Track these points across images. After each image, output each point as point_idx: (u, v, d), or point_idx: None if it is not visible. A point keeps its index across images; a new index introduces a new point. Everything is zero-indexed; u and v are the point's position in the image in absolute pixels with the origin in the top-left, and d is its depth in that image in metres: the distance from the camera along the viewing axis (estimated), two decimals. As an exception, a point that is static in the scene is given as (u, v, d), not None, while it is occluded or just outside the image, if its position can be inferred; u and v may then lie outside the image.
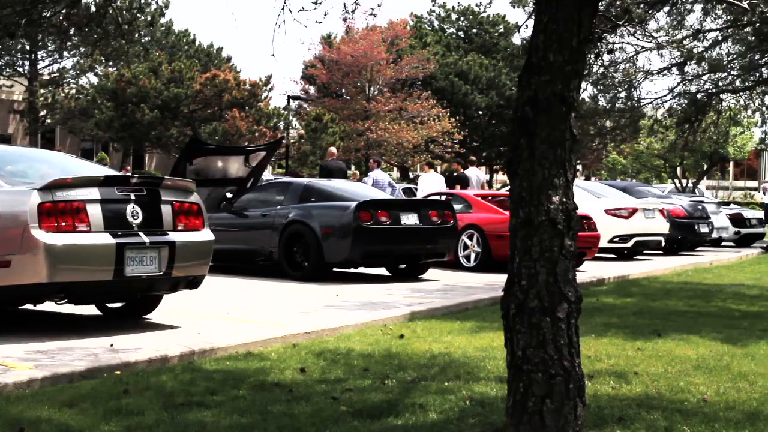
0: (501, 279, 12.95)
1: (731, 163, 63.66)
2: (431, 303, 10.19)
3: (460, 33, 50.98)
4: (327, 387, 5.73)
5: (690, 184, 37.58)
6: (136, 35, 49.59)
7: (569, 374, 4.57)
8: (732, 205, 25.67)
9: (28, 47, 46.53)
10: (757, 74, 11.92)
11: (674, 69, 11.86)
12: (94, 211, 7.55)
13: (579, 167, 60.11)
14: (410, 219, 12.92)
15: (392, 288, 11.97)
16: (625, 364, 6.78)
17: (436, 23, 51.15)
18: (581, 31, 4.82)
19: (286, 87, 59.44)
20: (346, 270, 13.85)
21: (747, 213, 24.57)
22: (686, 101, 12.34)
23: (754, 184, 69.81)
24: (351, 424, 4.85)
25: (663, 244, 18.78)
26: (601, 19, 6.70)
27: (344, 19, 8.66)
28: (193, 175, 14.60)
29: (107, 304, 8.87)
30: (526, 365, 4.59)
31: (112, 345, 6.87)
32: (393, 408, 5.18)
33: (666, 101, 12.59)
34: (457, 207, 15.80)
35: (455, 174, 20.98)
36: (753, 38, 10.72)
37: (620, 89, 12.06)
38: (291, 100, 37.51)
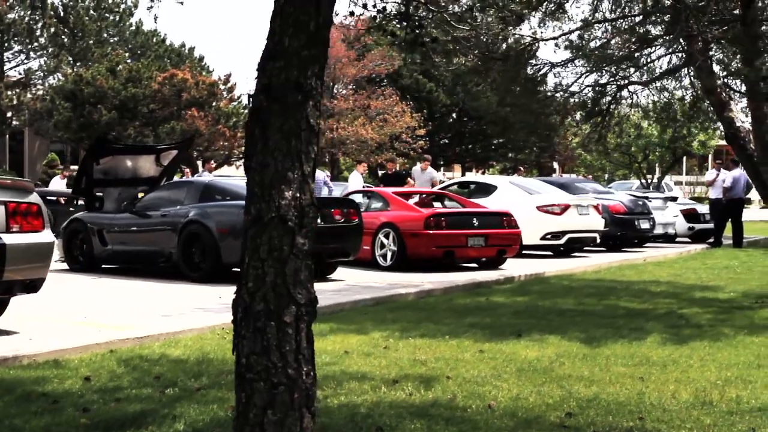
0: (411, 278, 12.77)
1: (709, 159, 63.26)
2: (306, 304, 9.84)
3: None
4: (97, 397, 5.40)
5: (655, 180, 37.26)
6: (104, 35, 49.49)
7: (294, 383, 4.24)
8: (680, 200, 25.32)
9: (-7, 48, 46.21)
10: (664, 65, 11.63)
11: (577, 61, 11.55)
12: None
13: (555, 165, 59.72)
14: (311, 218, 12.55)
15: (286, 289, 11.61)
16: (446, 367, 6.46)
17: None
18: (320, 14, 4.49)
19: (251, 86, 58.56)
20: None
21: (701, 208, 24.21)
22: (593, 94, 12.01)
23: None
24: (75, 438, 4.52)
25: (598, 240, 18.42)
26: (424, 7, 6.39)
27: None
28: (101, 175, 14.33)
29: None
30: (249, 373, 4.26)
31: None
32: (141, 419, 4.85)
33: (574, 93, 12.25)
34: (376, 205, 15.52)
35: (388, 172, 20.68)
36: (642, 29, 10.40)
37: (526, 83, 11.70)
38: (251, 100, 37.02)
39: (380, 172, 23.10)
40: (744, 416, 5.17)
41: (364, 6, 6.80)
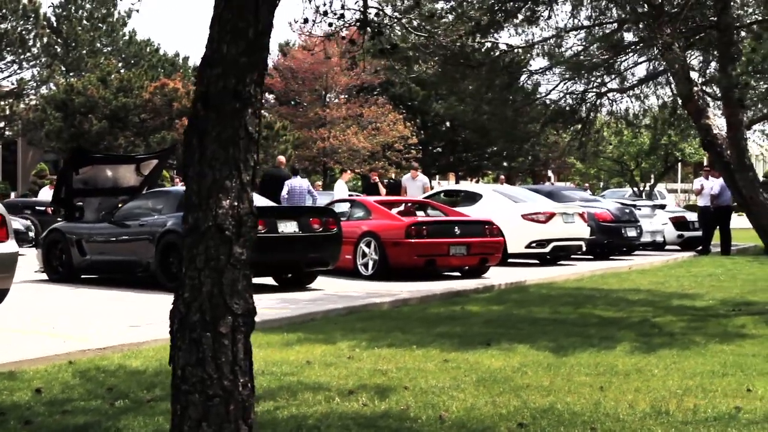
0: (391, 287, 12.67)
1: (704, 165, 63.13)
2: (278, 313, 9.79)
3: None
4: (44, 409, 5.34)
5: (647, 188, 37.15)
6: (98, 45, 49.53)
7: (230, 395, 4.17)
8: (669, 208, 25.27)
9: (-14, 59, 46.20)
10: (639, 73, 11.61)
11: (555, 69, 11.49)
12: None
13: (550, 173, 59.64)
14: (288, 227, 12.52)
15: (263, 298, 11.49)
16: (405, 377, 6.39)
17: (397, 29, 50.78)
18: (259, 21, 4.44)
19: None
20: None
21: (690, 216, 24.16)
22: (572, 102, 11.95)
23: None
24: (10, 452, 4.45)
25: (584, 248, 18.35)
26: (380, 13, 6.33)
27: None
28: (80, 185, 14.26)
29: None
30: (184, 385, 4.19)
31: None
32: (83, 432, 4.79)
33: (552, 101, 12.18)
34: (358, 214, 15.46)
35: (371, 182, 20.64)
36: (616, 37, 10.33)
37: (504, 92, 11.64)
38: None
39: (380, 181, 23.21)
40: (698, 426, 5.11)
41: (325, 13, 6.76)
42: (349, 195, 20.55)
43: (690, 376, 6.50)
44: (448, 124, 45.38)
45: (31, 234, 21.89)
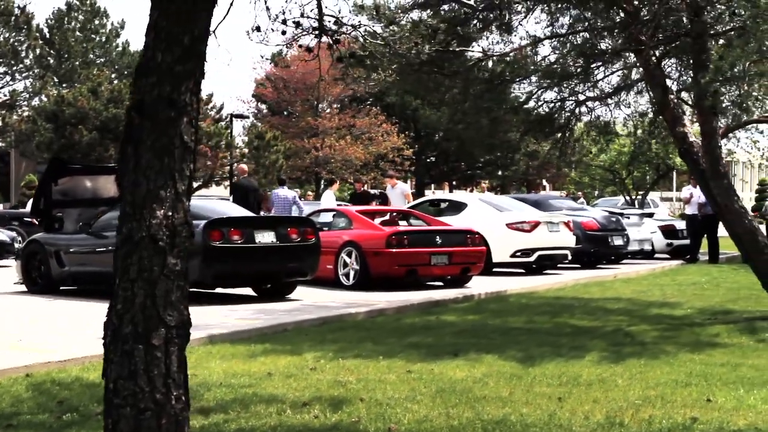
0: (371, 297, 12.59)
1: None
2: (249, 324, 9.71)
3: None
4: (-12, 423, 5.26)
5: (639, 196, 37.05)
6: (91, 56, 49.52)
7: (162, 408, 4.10)
8: (658, 216, 25.21)
9: (-22, 70, 46.21)
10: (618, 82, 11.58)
11: (533, 78, 11.44)
12: None
13: (544, 182, 59.60)
14: (266, 237, 12.44)
15: (238, 309, 11.45)
16: (364, 389, 6.31)
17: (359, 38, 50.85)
18: (195, 27, 4.38)
19: (235, 106, 58.51)
20: (212, 291, 13.34)
21: (679, 224, 24.10)
22: (549, 110, 11.89)
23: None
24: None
25: (569, 257, 18.26)
26: (338, 21, 6.29)
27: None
28: (59, 196, 14.18)
29: None
30: (116, 399, 4.12)
31: None
32: (22, 447, 4.71)
33: (529, 111, 12.12)
34: (340, 224, 15.40)
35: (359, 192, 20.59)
36: (588, 45, 10.29)
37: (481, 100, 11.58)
38: (235, 119, 37.11)
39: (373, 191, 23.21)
40: (651, 437, 5.03)
41: (283, 21, 6.70)
42: (338, 205, 20.49)
43: (653, 386, 6.42)
44: (441, 133, 45.41)
45: (17, 245, 21.84)
